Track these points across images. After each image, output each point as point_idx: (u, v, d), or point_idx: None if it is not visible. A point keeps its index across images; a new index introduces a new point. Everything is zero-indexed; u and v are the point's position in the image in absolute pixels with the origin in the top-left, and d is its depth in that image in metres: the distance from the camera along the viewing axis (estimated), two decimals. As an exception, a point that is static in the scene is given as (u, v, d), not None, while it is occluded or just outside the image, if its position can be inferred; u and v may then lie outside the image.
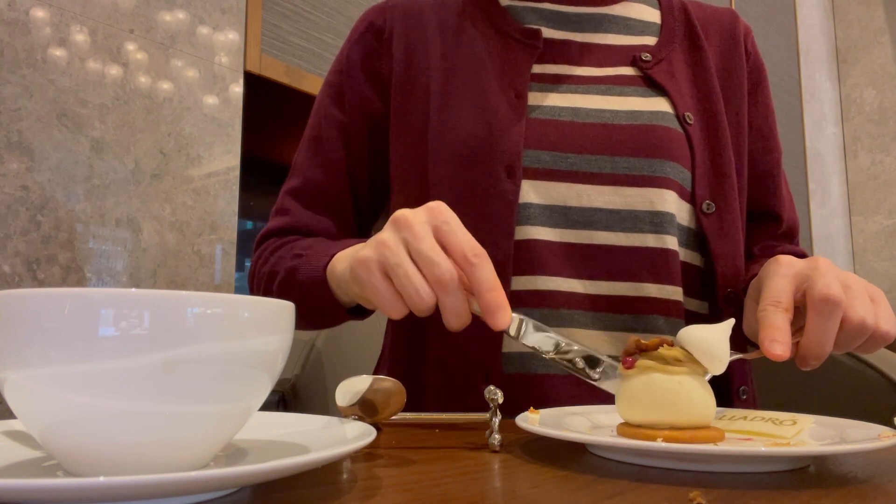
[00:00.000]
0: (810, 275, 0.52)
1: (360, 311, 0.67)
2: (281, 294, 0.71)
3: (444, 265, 0.46)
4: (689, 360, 0.44)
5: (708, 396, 0.43)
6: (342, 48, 0.83)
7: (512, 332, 0.50)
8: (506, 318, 0.47)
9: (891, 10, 3.98)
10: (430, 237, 0.47)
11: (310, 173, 0.80)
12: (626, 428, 0.44)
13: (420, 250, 0.47)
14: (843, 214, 4.00)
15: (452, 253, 0.47)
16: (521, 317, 0.50)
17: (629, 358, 0.45)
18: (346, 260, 0.58)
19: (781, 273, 0.54)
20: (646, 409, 0.43)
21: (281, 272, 0.71)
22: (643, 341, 0.45)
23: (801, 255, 0.79)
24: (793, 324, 0.51)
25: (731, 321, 0.46)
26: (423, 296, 0.46)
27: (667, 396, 0.42)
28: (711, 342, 0.44)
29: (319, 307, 0.65)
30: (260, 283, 0.76)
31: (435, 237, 0.47)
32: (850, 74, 4.10)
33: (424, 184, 0.73)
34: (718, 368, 0.44)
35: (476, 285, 0.46)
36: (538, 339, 0.50)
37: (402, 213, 0.49)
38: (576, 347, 0.51)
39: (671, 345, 0.45)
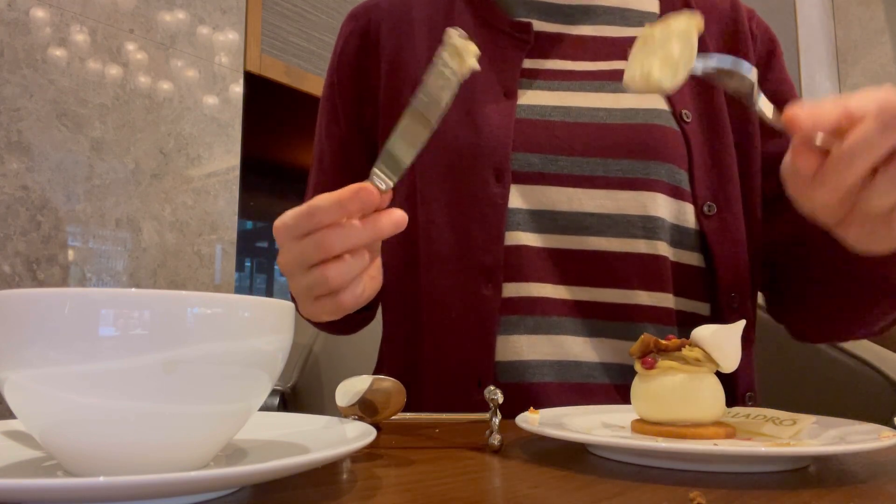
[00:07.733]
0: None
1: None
2: None
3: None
4: (706, 360, 0.46)
5: (722, 393, 0.46)
6: (330, 60, 0.81)
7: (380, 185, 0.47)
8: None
9: (891, 10, 3.98)
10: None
11: (320, 191, 0.80)
12: (646, 425, 0.45)
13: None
14: (843, 214, 3.99)
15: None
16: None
17: (649, 358, 0.46)
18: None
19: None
20: (672, 408, 0.45)
21: None
22: (662, 341, 0.47)
23: None
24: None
25: (742, 322, 0.48)
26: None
27: (692, 395, 0.44)
28: (727, 342, 0.46)
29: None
30: None
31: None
32: (850, 74, 4.09)
33: (413, 187, 0.72)
34: (731, 366, 0.46)
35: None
36: None
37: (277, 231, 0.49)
38: None
39: (691, 346, 0.46)
